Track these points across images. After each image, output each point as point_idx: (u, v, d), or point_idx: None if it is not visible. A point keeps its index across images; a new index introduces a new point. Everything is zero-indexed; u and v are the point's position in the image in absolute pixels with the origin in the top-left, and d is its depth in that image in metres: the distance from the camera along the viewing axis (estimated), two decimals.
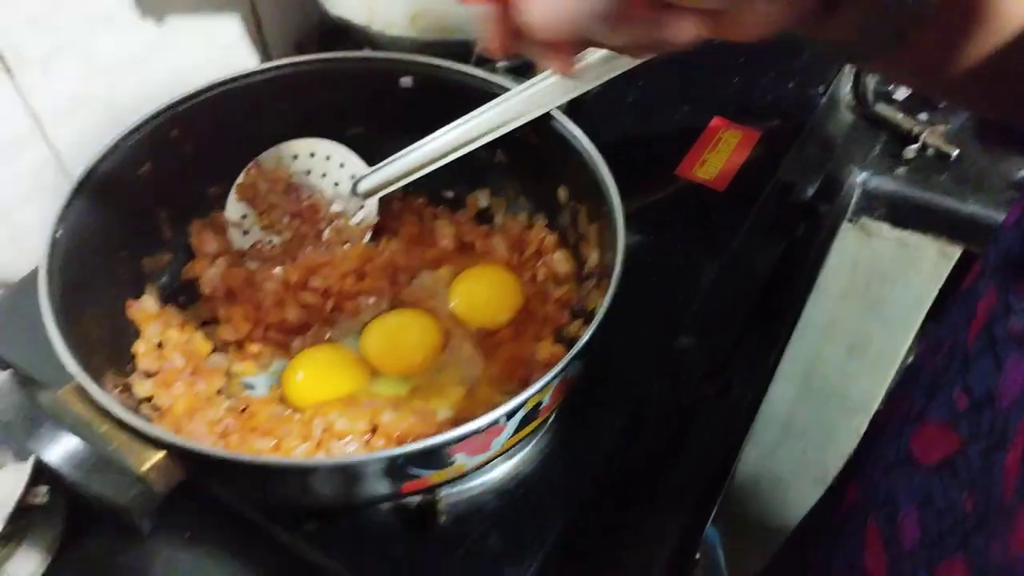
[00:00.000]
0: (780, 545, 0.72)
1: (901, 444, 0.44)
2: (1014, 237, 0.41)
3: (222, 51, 0.88)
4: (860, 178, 0.92)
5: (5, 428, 0.44)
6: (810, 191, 0.87)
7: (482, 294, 0.65)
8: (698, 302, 0.73)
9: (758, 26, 0.39)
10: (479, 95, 0.64)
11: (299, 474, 0.46)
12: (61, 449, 0.43)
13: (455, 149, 0.64)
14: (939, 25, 0.41)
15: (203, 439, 0.55)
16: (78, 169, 0.58)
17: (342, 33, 0.85)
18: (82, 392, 0.47)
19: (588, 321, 0.52)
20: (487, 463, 0.54)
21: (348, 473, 0.46)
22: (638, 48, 0.41)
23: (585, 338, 0.50)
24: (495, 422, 0.47)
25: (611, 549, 0.63)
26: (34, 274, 0.52)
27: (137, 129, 0.61)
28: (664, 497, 0.64)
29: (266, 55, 0.93)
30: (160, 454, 0.46)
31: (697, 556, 1.22)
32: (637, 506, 0.64)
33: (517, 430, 0.51)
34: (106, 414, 0.47)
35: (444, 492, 0.58)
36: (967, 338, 0.40)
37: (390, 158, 0.66)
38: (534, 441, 0.62)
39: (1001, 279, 0.38)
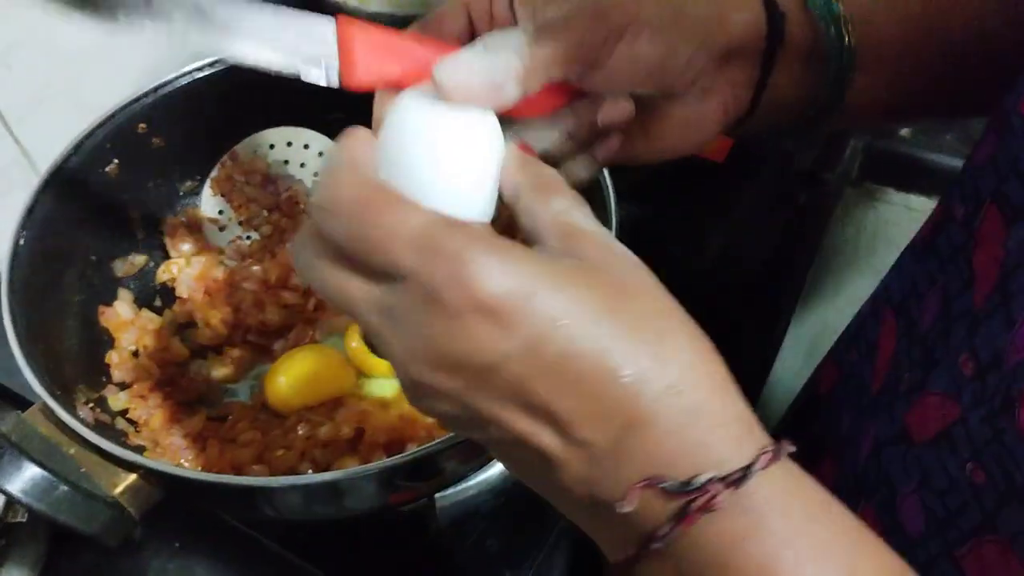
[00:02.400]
0: None
1: (894, 421, 0.42)
2: (993, 175, 0.38)
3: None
4: (863, 141, 0.90)
5: None
6: (812, 158, 0.84)
7: None
8: (700, 277, 0.71)
9: (690, 130, 0.42)
10: None
11: (277, 493, 0.44)
12: (23, 480, 0.40)
13: None
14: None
15: (182, 452, 0.53)
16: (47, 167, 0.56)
17: (319, 11, 0.82)
18: (49, 412, 0.45)
19: None
20: (481, 467, 0.52)
21: (330, 490, 0.44)
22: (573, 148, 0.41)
23: None
24: None
25: None
26: None
27: (101, 125, 0.58)
28: None
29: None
30: (132, 476, 0.44)
31: None
32: None
33: None
34: (75, 435, 0.44)
35: (438, 496, 0.56)
36: (972, 300, 0.38)
37: None
38: None
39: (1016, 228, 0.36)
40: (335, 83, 0.36)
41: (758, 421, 0.29)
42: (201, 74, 0.62)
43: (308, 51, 0.35)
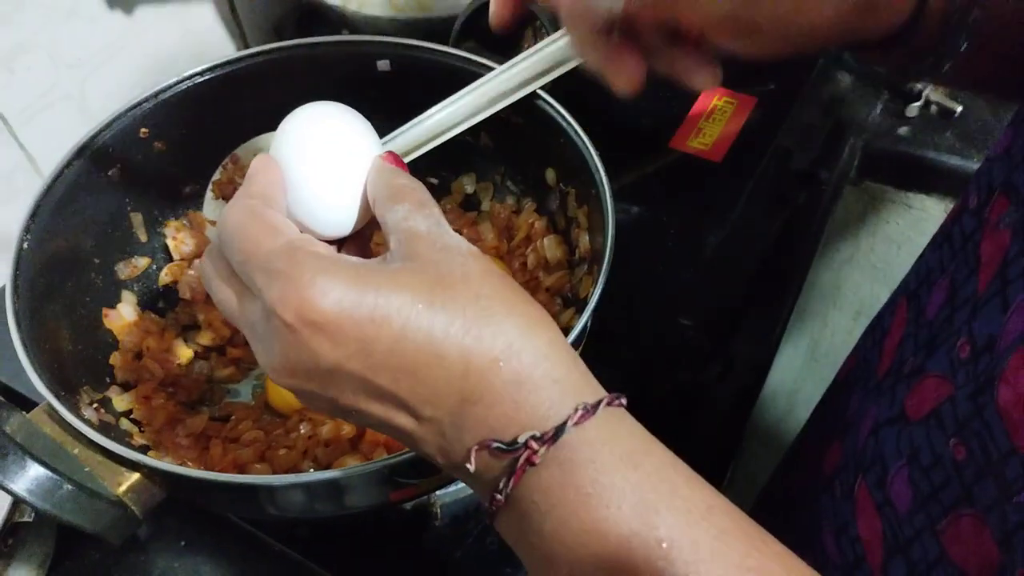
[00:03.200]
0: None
1: (894, 403, 0.42)
2: (1006, 166, 0.39)
3: (196, 39, 0.86)
4: (862, 140, 0.89)
5: None
6: (810, 156, 0.84)
7: None
8: (698, 278, 0.71)
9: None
10: (459, 76, 0.61)
11: (279, 492, 0.45)
12: (28, 479, 0.41)
13: (439, 134, 0.61)
14: None
15: (185, 452, 0.53)
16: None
17: (319, 15, 0.83)
18: (54, 412, 0.45)
19: (580, 310, 0.50)
20: None
21: (331, 487, 0.44)
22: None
23: (576, 330, 0.48)
24: None
25: None
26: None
27: (103, 130, 0.59)
28: None
29: (243, 41, 0.90)
30: (135, 475, 0.44)
31: None
32: None
33: None
34: (79, 435, 0.45)
35: (439, 493, 0.56)
36: (977, 286, 0.39)
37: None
38: None
39: (1021, 216, 0.36)
40: None
41: (587, 380, 0.33)
42: (202, 78, 0.62)
43: None
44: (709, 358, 0.70)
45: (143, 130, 0.61)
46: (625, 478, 0.30)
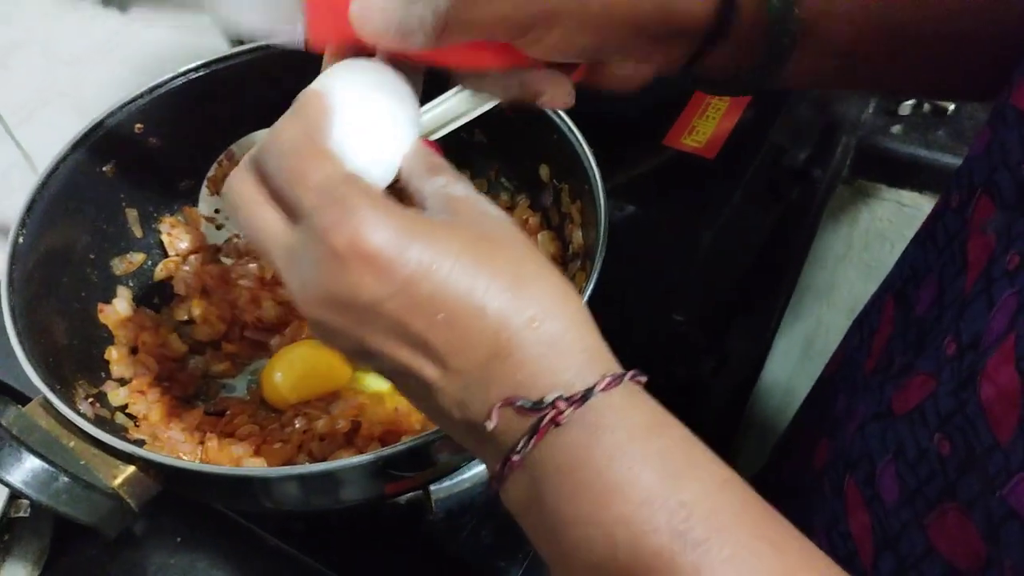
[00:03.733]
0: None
1: (882, 400, 0.43)
2: (986, 165, 0.39)
3: (191, 36, 0.86)
4: (855, 138, 0.90)
5: None
6: (803, 154, 0.85)
7: None
8: (691, 275, 0.72)
9: (630, 82, 0.45)
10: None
11: (274, 484, 0.45)
12: (24, 471, 0.41)
13: (434, 131, 0.61)
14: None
15: (181, 446, 0.53)
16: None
17: None
18: (49, 406, 0.46)
19: None
20: (475, 458, 0.52)
21: (326, 480, 0.45)
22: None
23: None
24: None
25: None
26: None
27: (97, 126, 0.59)
28: None
29: (238, 40, 0.90)
30: (131, 468, 0.44)
31: None
32: None
33: None
34: (74, 428, 0.45)
35: (434, 487, 0.56)
36: (964, 285, 0.39)
37: None
38: None
39: (1005, 218, 0.37)
40: (301, 43, 0.39)
41: (610, 354, 0.33)
42: (197, 74, 0.62)
43: (278, 14, 0.39)
44: (703, 354, 0.70)
45: (138, 126, 0.61)
46: (648, 444, 0.30)
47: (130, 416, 0.56)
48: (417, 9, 0.36)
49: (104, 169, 0.60)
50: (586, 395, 0.30)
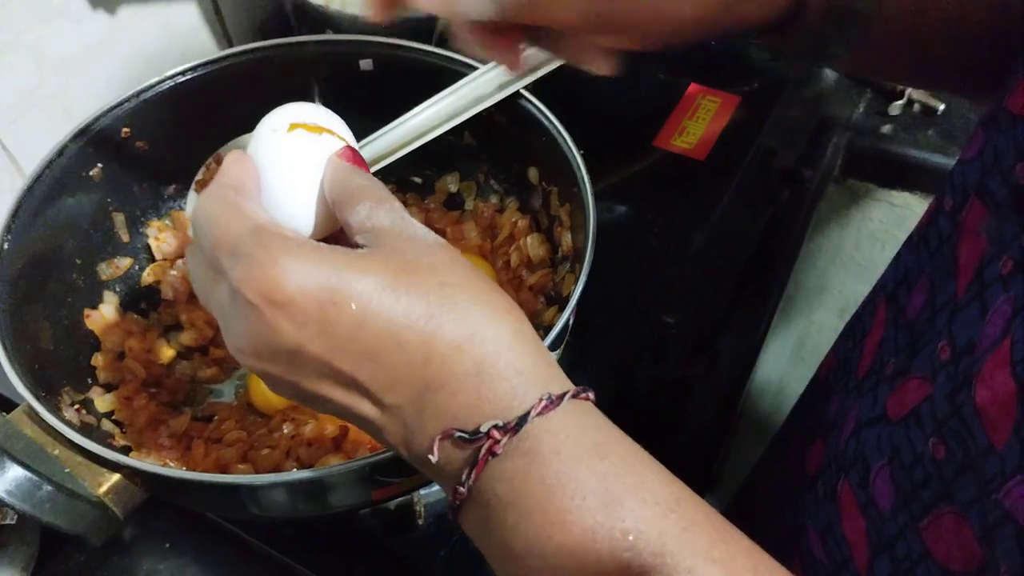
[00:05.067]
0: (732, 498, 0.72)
1: (876, 403, 0.43)
2: (979, 170, 0.39)
3: (180, 39, 0.85)
4: (845, 138, 0.90)
5: None
6: (793, 155, 0.84)
7: None
8: (682, 276, 0.72)
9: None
10: (442, 75, 0.61)
11: (261, 491, 0.45)
12: (7, 480, 0.41)
13: (423, 134, 0.61)
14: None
15: (168, 453, 0.53)
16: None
17: (302, 14, 0.83)
18: (34, 414, 0.45)
19: (563, 308, 0.50)
20: None
21: (314, 486, 0.44)
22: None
23: (558, 327, 0.48)
24: None
25: None
26: None
27: (84, 130, 0.58)
28: None
29: (226, 41, 0.90)
30: (116, 476, 0.44)
31: None
32: None
33: None
34: (59, 436, 0.45)
35: (422, 493, 0.56)
36: (956, 289, 0.39)
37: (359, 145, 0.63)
38: None
39: (997, 221, 0.37)
40: None
41: (553, 372, 0.32)
42: (184, 78, 0.62)
43: None
44: (694, 355, 0.70)
45: (125, 130, 0.61)
46: (590, 469, 0.29)
47: (116, 422, 0.56)
48: None
49: (91, 173, 0.60)
50: (521, 421, 0.30)
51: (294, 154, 0.38)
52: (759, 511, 0.60)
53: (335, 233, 0.39)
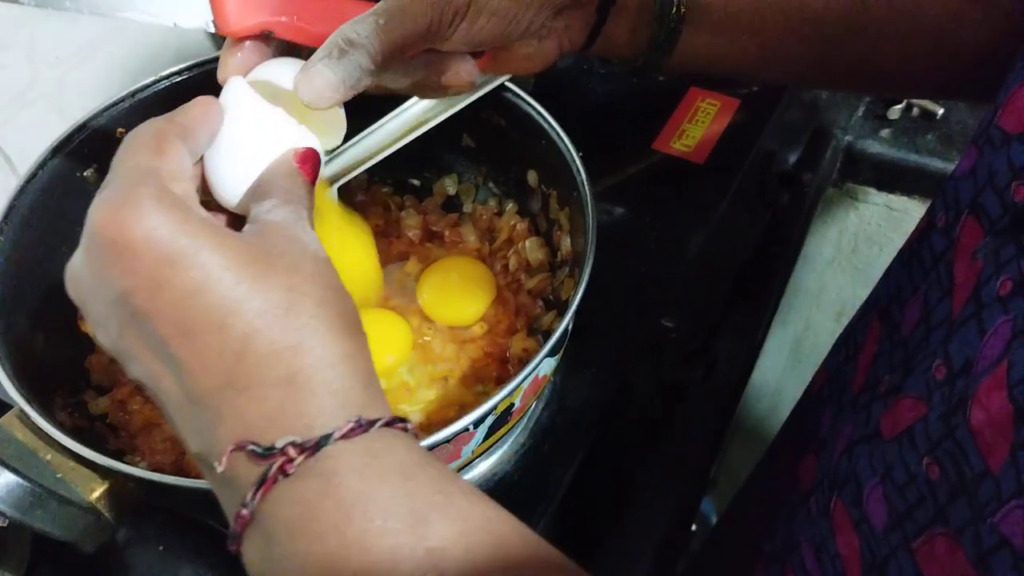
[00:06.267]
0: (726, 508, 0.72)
1: (870, 421, 0.42)
2: (972, 186, 0.39)
3: (175, 37, 0.85)
4: (844, 142, 0.90)
5: None
6: (793, 158, 0.84)
7: (452, 290, 0.62)
8: (680, 279, 0.71)
9: (532, 61, 0.47)
10: None
11: None
12: None
13: (413, 129, 0.60)
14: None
15: (161, 456, 0.53)
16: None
17: None
18: (25, 418, 0.45)
19: (562, 312, 0.49)
20: (463, 467, 0.52)
21: None
22: (425, 90, 0.45)
23: (557, 333, 0.48)
24: (464, 430, 0.45)
25: (601, 532, 0.62)
26: None
27: (78, 130, 0.58)
28: (654, 478, 0.63)
29: (221, 40, 0.89)
30: (109, 482, 0.44)
31: (693, 528, 1.22)
32: (627, 490, 0.62)
33: (488, 435, 0.48)
34: (51, 441, 0.44)
35: None
36: (951, 308, 0.39)
37: (346, 144, 0.62)
38: (513, 436, 0.60)
39: (995, 242, 0.36)
40: (212, 30, 0.40)
41: (375, 401, 0.30)
42: (179, 78, 0.61)
43: (185, 5, 0.40)
44: (692, 358, 0.70)
45: (120, 130, 0.60)
46: (395, 489, 0.28)
47: (110, 426, 0.55)
48: (353, 63, 0.38)
49: (86, 174, 0.59)
50: (321, 442, 0.27)
51: (262, 133, 0.37)
52: (753, 522, 0.59)
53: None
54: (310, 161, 0.37)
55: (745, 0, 0.49)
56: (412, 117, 0.59)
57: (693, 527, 1.22)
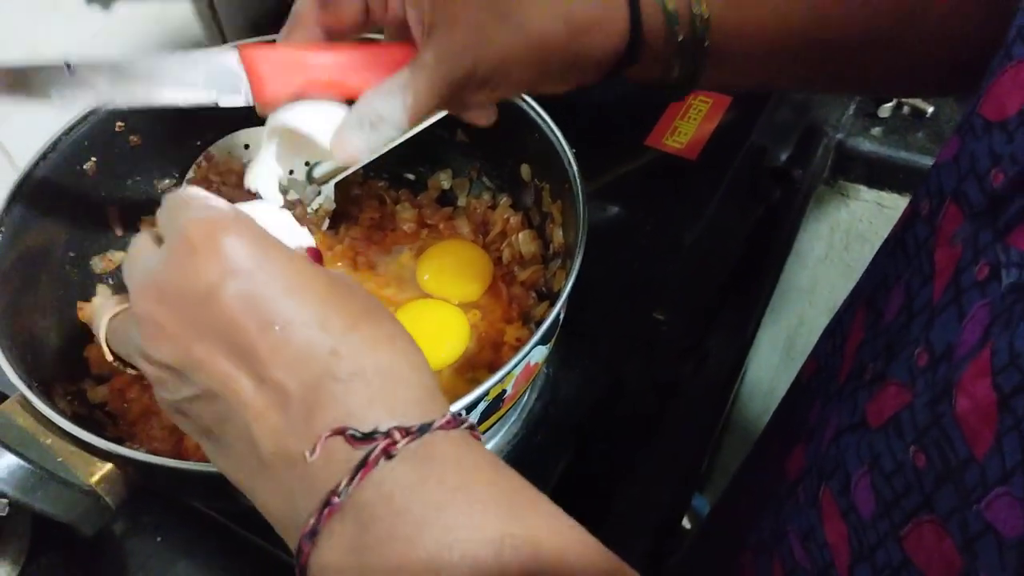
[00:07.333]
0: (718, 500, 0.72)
1: (856, 409, 0.43)
2: (955, 174, 0.40)
3: (174, 34, 0.85)
4: (835, 139, 0.91)
5: None
6: (784, 155, 0.85)
7: (452, 269, 0.63)
8: (673, 275, 0.72)
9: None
10: None
11: None
12: (0, 467, 0.41)
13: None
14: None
15: (159, 444, 0.53)
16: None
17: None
18: (27, 404, 0.46)
19: (554, 303, 0.50)
20: None
21: None
22: None
23: (548, 321, 0.49)
24: (457, 415, 0.45)
25: (591, 524, 0.62)
26: None
27: (79, 124, 0.59)
28: (645, 471, 0.63)
29: (220, 37, 0.90)
30: (108, 466, 0.44)
31: (688, 527, 1.22)
32: (619, 483, 0.63)
33: (481, 421, 0.49)
34: (52, 426, 0.45)
35: None
36: (932, 294, 0.39)
37: None
38: (507, 425, 0.60)
39: (973, 227, 0.37)
40: (251, 103, 0.42)
41: (446, 402, 0.32)
42: None
43: (222, 82, 0.42)
44: (684, 354, 0.71)
45: (119, 124, 0.61)
46: (490, 480, 0.29)
47: (109, 414, 0.56)
48: (383, 132, 0.41)
49: (85, 167, 0.60)
50: (423, 428, 0.29)
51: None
52: (743, 513, 0.60)
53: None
54: (313, 259, 0.39)
55: (764, 39, 0.48)
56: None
57: (688, 525, 1.22)
